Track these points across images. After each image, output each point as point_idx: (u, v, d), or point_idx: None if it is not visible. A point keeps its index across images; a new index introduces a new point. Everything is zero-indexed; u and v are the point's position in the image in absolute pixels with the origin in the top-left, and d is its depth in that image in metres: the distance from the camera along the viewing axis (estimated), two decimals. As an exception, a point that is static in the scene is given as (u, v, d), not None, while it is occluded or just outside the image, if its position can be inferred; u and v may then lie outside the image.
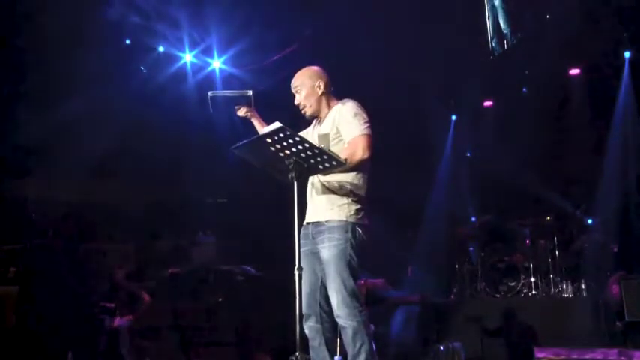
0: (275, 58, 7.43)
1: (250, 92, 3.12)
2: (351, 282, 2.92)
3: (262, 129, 3.23)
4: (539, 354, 5.04)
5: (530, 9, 7.31)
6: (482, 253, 7.51)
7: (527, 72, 8.27)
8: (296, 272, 2.68)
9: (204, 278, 7.07)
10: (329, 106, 3.17)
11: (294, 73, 3.21)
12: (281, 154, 2.74)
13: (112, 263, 7.08)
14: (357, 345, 2.91)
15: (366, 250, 2.98)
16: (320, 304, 3.03)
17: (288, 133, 2.66)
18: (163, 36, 7.64)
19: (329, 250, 2.94)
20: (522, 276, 7.07)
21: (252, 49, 7.54)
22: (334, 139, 3.02)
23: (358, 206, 3.00)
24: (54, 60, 6.77)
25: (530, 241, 7.39)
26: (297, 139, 2.67)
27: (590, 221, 7.25)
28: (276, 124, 2.67)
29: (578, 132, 7.92)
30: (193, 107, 8.01)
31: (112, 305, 6.23)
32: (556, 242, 7.14)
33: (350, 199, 2.99)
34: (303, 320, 2.98)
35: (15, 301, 5.64)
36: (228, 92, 3.15)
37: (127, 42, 7.67)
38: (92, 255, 6.97)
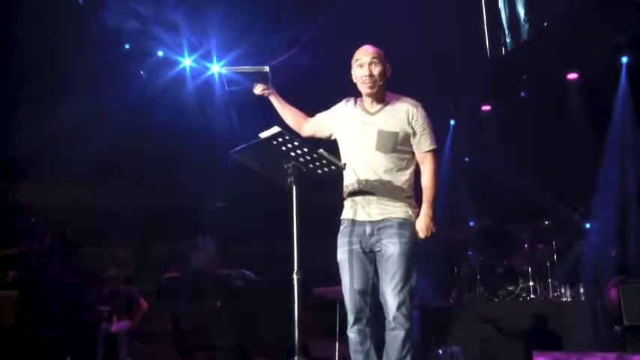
0: (274, 62, 7.44)
1: (267, 68, 2.98)
2: (414, 282, 2.87)
3: (282, 107, 3.18)
4: (537, 358, 5.04)
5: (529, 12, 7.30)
6: (481, 257, 7.51)
7: (525, 77, 8.29)
8: (295, 277, 2.68)
9: (203, 282, 7.07)
10: (384, 98, 3.03)
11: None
12: (280, 158, 2.75)
13: (111, 268, 7.09)
14: (405, 351, 2.81)
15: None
16: (370, 307, 2.91)
17: (287, 137, 2.67)
18: (162, 40, 7.66)
19: (399, 246, 2.86)
20: (521, 280, 7.07)
21: (252, 53, 7.55)
22: (402, 141, 2.95)
23: (418, 209, 2.97)
24: (53, 64, 6.78)
25: (529, 245, 7.39)
26: (296, 143, 2.68)
27: (588, 225, 7.26)
28: (275, 129, 2.68)
29: (577, 136, 7.94)
30: (193, 111, 8.03)
31: (108, 309, 6.23)
32: (554, 246, 7.14)
33: (411, 201, 2.97)
34: (351, 323, 2.90)
35: (14, 305, 5.64)
36: (243, 68, 3.00)
37: (126, 46, 7.69)
38: (91, 259, 6.97)
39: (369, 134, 2.96)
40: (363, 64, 2.98)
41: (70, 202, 7.54)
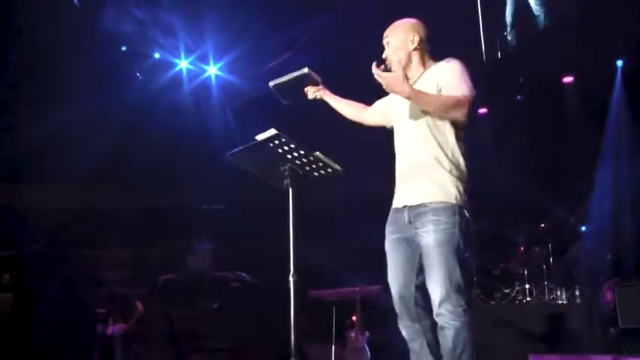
0: (271, 64, 7.45)
1: (306, 69, 2.93)
2: (457, 274, 2.56)
3: (337, 103, 3.10)
4: (533, 361, 5.04)
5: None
6: (477, 260, 7.51)
7: (521, 80, 8.31)
8: (291, 279, 2.68)
9: (199, 285, 7.05)
10: (423, 66, 2.84)
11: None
12: (276, 161, 2.75)
13: (108, 270, 7.07)
14: (458, 350, 2.53)
15: (471, 238, 2.68)
16: (416, 301, 2.68)
17: (284, 139, 2.68)
18: (159, 43, 7.66)
19: (434, 234, 2.59)
20: (517, 283, 7.07)
21: (248, 55, 7.56)
22: None
23: (463, 185, 2.70)
24: (50, 66, 6.78)
25: (525, 248, 7.40)
26: (293, 145, 2.69)
27: (583, 228, 7.27)
28: (272, 131, 2.69)
29: (572, 139, 7.96)
30: (190, 113, 8.03)
31: (104, 311, 6.22)
32: (550, 249, 7.15)
33: (454, 178, 2.68)
34: (398, 319, 2.76)
35: (9, 308, 5.61)
36: (286, 78, 2.95)
37: (123, 48, 7.69)
38: (87, 261, 6.95)
39: (404, 107, 2.81)
40: (384, 45, 2.91)
41: (66, 203, 7.53)
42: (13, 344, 5.47)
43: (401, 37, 2.85)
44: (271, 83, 2.96)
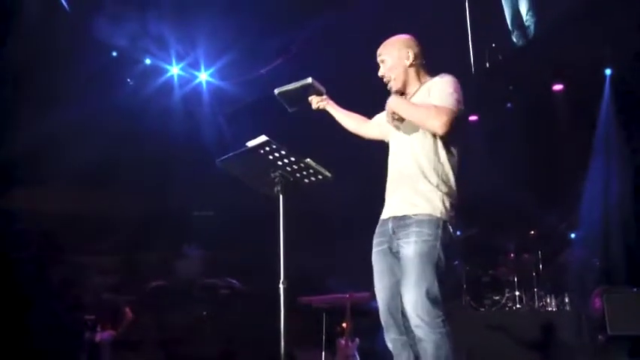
0: (262, 71, 7.46)
1: (310, 79, 2.95)
2: (435, 287, 2.56)
3: (339, 114, 3.12)
4: (523, 367, 5.05)
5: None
6: (467, 267, 7.53)
7: (511, 87, 8.37)
8: (281, 286, 2.68)
9: (189, 291, 7.02)
10: (419, 81, 2.85)
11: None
12: (267, 167, 2.75)
13: (97, 276, 7.03)
14: None
15: (454, 254, 2.72)
16: (403, 312, 2.65)
17: (274, 146, 2.68)
18: (150, 48, 7.65)
19: (415, 245, 2.58)
20: (507, 290, 7.10)
21: (239, 61, 7.56)
22: None
23: (450, 200, 2.70)
24: (42, 71, 6.74)
25: (515, 255, 7.43)
26: (283, 152, 2.69)
27: (573, 235, 7.31)
28: (263, 138, 2.69)
29: (562, 147, 8.02)
30: (180, 119, 8.02)
31: (93, 318, 6.17)
32: (540, 256, 7.19)
33: (441, 193, 2.68)
34: (384, 332, 2.75)
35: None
36: (290, 86, 2.96)
37: (114, 54, 7.66)
38: (76, 267, 6.90)
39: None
40: (379, 63, 2.92)
41: (56, 208, 7.47)
42: None
43: (395, 55, 2.86)
44: (276, 91, 2.98)
